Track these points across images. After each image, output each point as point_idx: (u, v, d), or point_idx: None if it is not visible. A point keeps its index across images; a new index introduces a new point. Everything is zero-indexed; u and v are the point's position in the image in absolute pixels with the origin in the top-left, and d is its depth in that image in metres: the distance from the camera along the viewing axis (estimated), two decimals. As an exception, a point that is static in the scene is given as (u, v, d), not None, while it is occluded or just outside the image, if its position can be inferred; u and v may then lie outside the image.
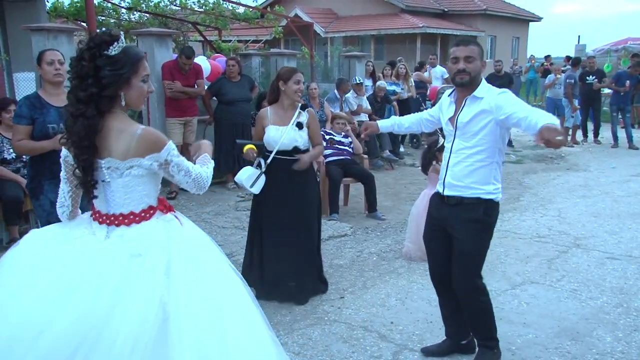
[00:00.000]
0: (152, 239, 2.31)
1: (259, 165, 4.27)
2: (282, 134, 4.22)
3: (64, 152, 2.35)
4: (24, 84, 7.16)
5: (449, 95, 3.31)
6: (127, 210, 2.35)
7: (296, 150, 4.31)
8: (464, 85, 3.11)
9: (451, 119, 3.21)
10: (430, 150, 5.34)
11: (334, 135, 7.08)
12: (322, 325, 3.98)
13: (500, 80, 11.43)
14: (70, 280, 2.16)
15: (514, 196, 7.74)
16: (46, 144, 3.80)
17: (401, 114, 10.34)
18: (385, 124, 3.78)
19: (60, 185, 2.43)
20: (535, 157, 10.76)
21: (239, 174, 4.29)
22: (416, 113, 3.81)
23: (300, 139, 4.31)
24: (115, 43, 2.24)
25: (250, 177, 4.19)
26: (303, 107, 4.38)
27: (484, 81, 3.16)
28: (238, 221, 6.36)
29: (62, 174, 2.41)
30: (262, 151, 4.30)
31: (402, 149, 10.52)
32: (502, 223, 6.43)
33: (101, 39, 2.24)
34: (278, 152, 4.26)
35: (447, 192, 3.21)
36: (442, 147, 5.28)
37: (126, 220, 2.35)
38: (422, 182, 6.88)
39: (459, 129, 3.14)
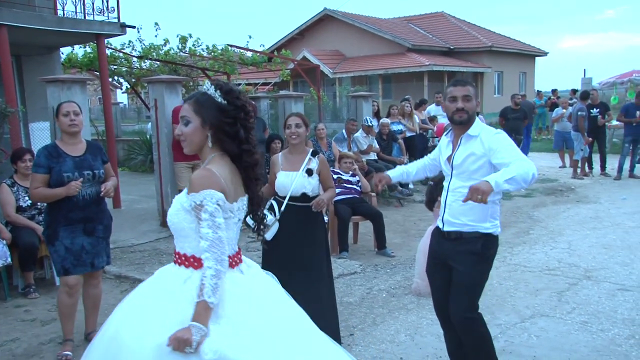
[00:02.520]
0: None
1: (271, 209, 4.29)
2: (292, 180, 4.23)
3: (221, 196, 2.26)
4: (39, 133, 7.39)
5: (446, 135, 3.41)
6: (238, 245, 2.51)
7: (304, 196, 4.28)
8: (462, 123, 3.20)
9: (448, 159, 3.30)
10: (436, 186, 5.40)
11: (341, 175, 7.18)
12: (332, 363, 3.98)
13: (515, 113, 11.50)
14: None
15: (524, 230, 7.74)
16: (60, 190, 3.95)
17: (408, 151, 10.51)
18: (396, 174, 3.77)
19: (221, 234, 2.22)
20: (544, 191, 10.76)
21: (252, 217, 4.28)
22: (420, 160, 3.83)
23: (309, 185, 4.26)
24: None
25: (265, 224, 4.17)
26: (314, 154, 4.36)
27: (477, 119, 3.26)
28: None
29: (223, 221, 2.24)
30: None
31: (411, 186, 10.58)
32: (512, 257, 6.44)
33: None
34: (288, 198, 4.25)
35: (447, 228, 3.28)
36: None
37: (241, 254, 2.51)
38: (432, 219, 6.92)
39: (455, 168, 3.23)
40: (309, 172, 4.27)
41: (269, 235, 4.19)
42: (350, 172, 7.27)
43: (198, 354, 2.07)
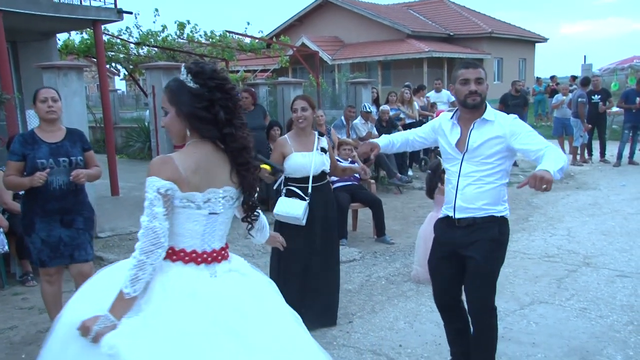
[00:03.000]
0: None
1: (290, 194, 4.23)
2: (310, 159, 4.23)
3: (165, 184, 2.09)
4: (36, 120, 7.31)
5: (450, 119, 3.28)
6: (224, 242, 2.30)
7: (323, 174, 4.34)
8: (476, 107, 3.11)
9: (459, 143, 3.18)
10: (435, 174, 5.37)
11: (341, 162, 7.13)
12: (331, 350, 3.98)
13: (516, 100, 11.45)
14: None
15: (523, 216, 7.73)
16: (25, 180, 3.84)
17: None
18: (383, 143, 3.57)
19: (155, 224, 2.09)
20: (544, 177, 10.73)
21: (282, 207, 4.16)
22: (404, 132, 3.69)
23: (327, 162, 4.34)
24: None
25: (305, 211, 4.13)
26: (320, 135, 4.43)
27: (488, 104, 3.19)
28: (247, 249, 6.40)
29: (162, 211, 2.09)
30: (276, 175, 4.29)
31: (410, 172, 10.55)
32: (511, 243, 6.37)
33: None
34: (307, 179, 4.25)
35: (458, 215, 3.18)
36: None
37: (225, 254, 2.29)
38: (431, 205, 6.89)
39: (469, 152, 3.13)
40: (324, 150, 4.34)
41: (304, 220, 4.16)
42: (350, 159, 7.23)
43: (98, 344, 1.99)
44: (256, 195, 2.35)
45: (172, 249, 2.18)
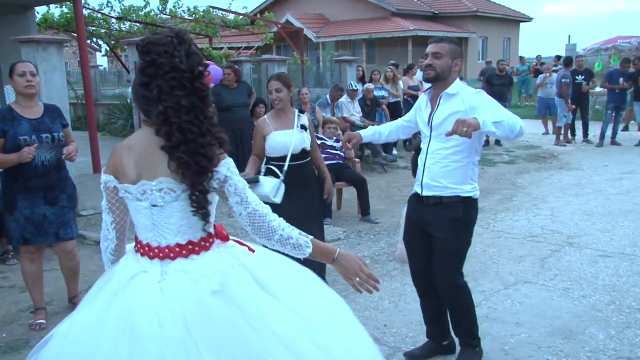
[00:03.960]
0: (223, 269, 2.02)
1: (269, 173, 4.20)
2: (290, 137, 4.17)
3: (105, 177, 2.01)
4: (14, 95, 7.15)
5: (424, 94, 3.33)
6: (185, 238, 2.05)
7: (304, 152, 4.27)
8: (430, 80, 3.15)
9: (428, 119, 3.22)
10: (418, 153, 5.34)
11: (325, 140, 7.10)
12: (316, 330, 3.97)
13: (501, 79, 11.48)
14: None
15: (507, 196, 7.76)
16: (12, 157, 3.76)
17: (392, 117, 10.40)
18: (367, 133, 3.65)
19: (104, 216, 2.09)
20: (528, 157, 10.79)
21: (255, 187, 4.07)
22: (393, 121, 3.75)
23: (307, 139, 4.28)
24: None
25: (274, 188, 4.07)
26: (301, 112, 4.38)
27: (457, 80, 3.18)
28: (231, 228, 6.31)
29: (104, 203, 2.07)
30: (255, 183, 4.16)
31: (395, 152, 10.54)
32: (495, 223, 6.46)
33: None
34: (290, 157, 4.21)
35: (425, 193, 3.22)
36: None
37: (184, 252, 2.04)
38: (415, 185, 6.90)
39: (434, 129, 3.15)
40: (304, 127, 4.27)
41: (279, 198, 4.08)
42: (334, 138, 7.19)
43: None
44: (200, 191, 1.97)
45: (136, 238, 2.12)
